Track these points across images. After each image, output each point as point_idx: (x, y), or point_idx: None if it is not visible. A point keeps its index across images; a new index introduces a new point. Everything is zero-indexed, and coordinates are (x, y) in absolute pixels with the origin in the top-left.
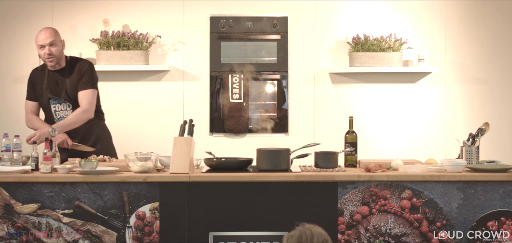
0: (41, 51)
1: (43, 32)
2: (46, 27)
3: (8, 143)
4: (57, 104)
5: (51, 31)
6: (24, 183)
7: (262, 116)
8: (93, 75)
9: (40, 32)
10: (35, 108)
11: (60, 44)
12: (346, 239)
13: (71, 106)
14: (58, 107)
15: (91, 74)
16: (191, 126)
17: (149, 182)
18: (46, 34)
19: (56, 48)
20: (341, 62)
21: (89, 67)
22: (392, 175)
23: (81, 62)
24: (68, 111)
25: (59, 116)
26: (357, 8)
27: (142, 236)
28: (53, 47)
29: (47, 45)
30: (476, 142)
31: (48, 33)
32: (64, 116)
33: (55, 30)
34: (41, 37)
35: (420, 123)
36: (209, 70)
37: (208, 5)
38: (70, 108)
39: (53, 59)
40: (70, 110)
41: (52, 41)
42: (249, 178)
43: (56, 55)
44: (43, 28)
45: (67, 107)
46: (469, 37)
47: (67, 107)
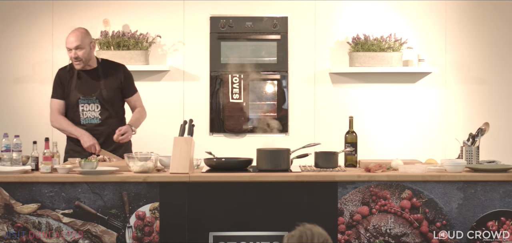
0: (68, 53)
1: (71, 35)
2: (76, 30)
3: (8, 143)
4: (86, 104)
5: (78, 35)
6: (24, 183)
7: (262, 116)
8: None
9: (70, 34)
10: (61, 107)
11: (87, 47)
12: (346, 239)
13: (100, 107)
14: (86, 107)
15: (132, 77)
16: (191, 126)
17: (149, 182)
18: (73, 37)
19: (83, 51)
20: (341, 62)
21: (130, 72)
22: (392, 175)
23: (116, 64)
24: (96, 112)
25: (85, 116)
26: (357, 8)
27: (142, 236)
28: (79, 51)
29: (74, 48)
30: (476, 142)
31: (75, 37)
32: (91, 116)
33: (84, 32)
34: (69, 39)
35: (420, 123)
36: (209, 70)
37: (208, 5)
38: (99, 109)
39: (79, 62)
40: (98, 111)
41: (78, 45)
42: (249, 178)
43: (82, 59)
44: (73, 29)
45: (95, 107)
46: (469, 37)
47: (95, 107)
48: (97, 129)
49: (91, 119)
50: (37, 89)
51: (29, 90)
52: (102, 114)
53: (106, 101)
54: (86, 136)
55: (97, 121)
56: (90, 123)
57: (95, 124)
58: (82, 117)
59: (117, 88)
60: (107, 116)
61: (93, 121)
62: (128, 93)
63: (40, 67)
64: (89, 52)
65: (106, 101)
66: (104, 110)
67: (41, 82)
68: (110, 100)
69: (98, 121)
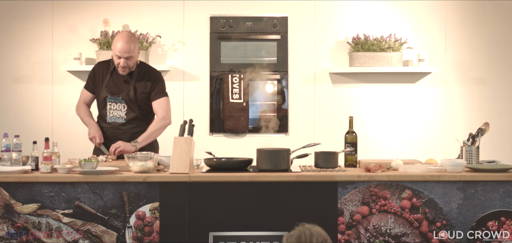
0: (115, 59)
1: (122, 43)
2: (126, 36)
3: (8, 143)
4: (113, 103)
5: (129, 44)
6: (24, 183)
7: (262, 116)
8: (164, 84)
9: (118, 40)
10: (89, 99)
11: (136, 55)
12: (346, 239)
13: (126, 107)
14: (114, 106)
15: (163, 83)
16: (191, 126)
17: (149, 182)
18: (124, 46)
19: (133, 61)
20: (341, 62)
21: (161, 76)
22: (392, 175)
23: (151, 70)
24: (122, 112)
25: (112, 114)
26: (357, 8)
27: (142, 236)
28: (130, 61)
29: (124, 58)
30: (476, 142)
31: (127, 47)
32: (117, 115)
33: (134, 40)
34: (119, 47)
35: (420, 123)
36: (209, 70)
37: (208, 5)
38: (125, 109)
39: (125, 70)
40: (124, 111)
41: (130, 56)
42: (249, 178)
43: (131, 67)
44: (122, 35)
45: (122, 107)
46: (469, 37)
47: (122, 107)
48: (121, 128)
49: (116, 118)
50: (37, 89)
51: (29, 90)
52: (127, 115)
53: (133, 102)
54: (93, 128)
55: (122, 121)
56: (115, 122)
57: (120, 123)
58: (109, 116)
59: (147, 92)
60: (133, 117)
61: (118, 120)
62: (153, 98)
63: (40, 67)
64: (136, 59)
65: (133, 103)
66: (130, 111)
67: (41, 82)
68: (137, 101)
69: (123, 121)
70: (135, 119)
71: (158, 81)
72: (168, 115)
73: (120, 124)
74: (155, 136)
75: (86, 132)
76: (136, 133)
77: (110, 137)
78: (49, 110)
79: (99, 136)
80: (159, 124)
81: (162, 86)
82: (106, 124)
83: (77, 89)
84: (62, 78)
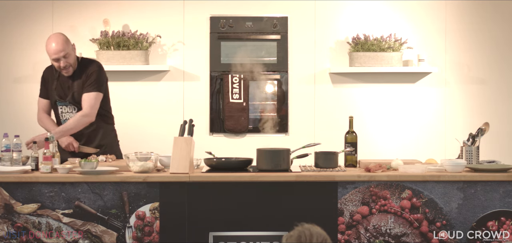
0: (55, 63)
1: (55, 44)
2: (55, 37)
3: (8, 143)
4: (64, 106)
5: (62, 42)
6: (24, 183)
7: (262, 116)
8: (99, 78)
9: (51, 42)
10: (46, 106)
11: (72, 51)
12: (346, 239)
13: (76, 109)
14: (65, 109)
15: (98, 76)
16: (191, 126)
17: (149, 182)
18: (58, 46)
19: (70, 57)
20: (341, 62)
21: (97, 70)
22: (392, 175)
23: (88, 63)
24: (73, 113)
25: (65, 117)
26: (357, 8)
27: (142, 236)
28: (67, 59)
29: (62, 58)
30: (476, 142)
31: (60, 46)
32: (69, 117)
33: (65, 38)
34: (53, 49)
35: (420, 123)
36: (209, 70)
37: (208, 5)
38: (76, 110)
39: (68, 69)
40: (75, 112)
41: (66, 53)
42: (249, 178)
43: (71, 64)
44: (53, 37)
45: (72, 109)
46: (469, 37)
47: (72, 109)
48: None
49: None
50: (37, 89)
51: (29, 90)
52: None
53: (79, 103)
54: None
55: None
56: None
57: None
58: (62, 119)
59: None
60: None
61: None
62: (84, 90)
63: (40, 67)
64: (74, 55)
65: (79, 103)
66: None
67: None
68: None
69: None
70: None
71: (93, 74)
72: (92, 112)
73: None
74: (72, 131)
75: None
76: (92, 132)
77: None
78: None
79: (73, 140)
80: (80, 120)
81: (95, 79)
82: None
83: None
84: None
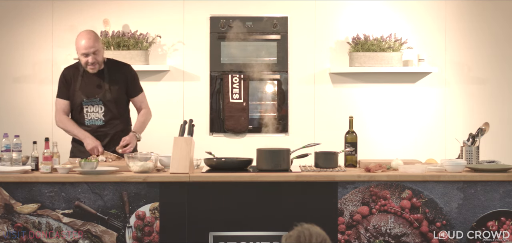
0: (83, 59)
1: (86, 40)
2: (87, 33)
3: (8, 143)
4: (90, 105)
5: (94, 38)
6: (24, 183)
7: (262, 116)
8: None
9: (81, 38)
10: (66, 107)
11: (102, 49)
12: (346, 239)
13: (103, 108)
14: (90, 109)
15: (138, 76)
16: (191, 126)
17: (149, 182)
18: (89, 42)
19: (100, 54)
20: (341, 62)
21: (134, 70)
22: (392, 175)
23: (122, 65)
24: (99, 114)
25: (89, 117)
26: (357, 8)
27: (142, 236)
28: (97, 56)
29: (91, 53)
30: (476, 142)
31: (91, 41)
32: (95, 118)
33: (96, 35)
34: (83, 44)
35: (420, 123)
36: (209, 70)
37: (208, 5)
38: (102, 110)
39: (95, 67)
40: (102, 112)
41: (96, 50)
42: (249, 178)
43: (99, 62)
44: (84, 33)
45: (99, 109)
46: (469, 37)
47: (99, 109)
48: (101, 130)
49: (95, 121)
50: (37, 89)
51: (29, 90)
52: (106, 116)
53: (110, 102)
54: (89, 138)
55: (101, 123)
56: (94, 124)
57: (99, 125)
58: (86, 119)
59: (122, 89)
60: (111, 117)
61: (97, 123)
62: (133, 93)
63: (40, 67)
64: (103, 53)
65: (110, 102)
66: (108, 112)
67: (41, 82)
68: (114, 101)
69: (102, 123)
70: (114, 120)
71: (134, 76)
72: (150, 109)
73: (99, 126)
74: (144, 126)
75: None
76: (116, 133)
77: None
78: (49, 110)
79: (99, 144)
80: (147, 116)
81: (138, 81)
82: (85, 127)
83: None
84: None
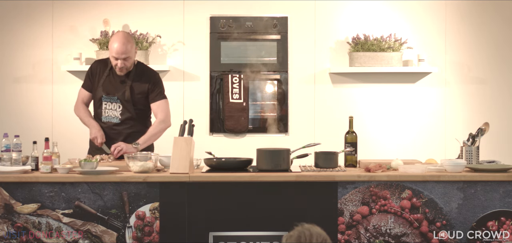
0: (113, 60)
1: (119, 44)
2: (121, 37)
3: (8, 143)
4: (108, 102)
5: (126, 44)
6: (24, 183)
7: (262, 116)
8: (163, 86)
9: (115, 40)
10: (87, 99)
11: (134, 55)
12: (346, 239)
13: (121, 107)
14: (109, 105)
15: (162, 85)
16: (191, 126)
17: (149, 182)
18: (121, 48)
19: (130, 60)
20: (341, 62)
21: (159, 78)
22: (392, 175)
23: (149, 71)
24: (117, 112)
25: (107, 114)
26: (357, 8)
27: (142, 236)
28: (126, 61)
29: (121, 59)
30: (476, 142)
31: (124, 47)
32: (112, 115)
33: (130, 39)
34: (115, 48)
35: (420, 123)
36: (209, 70)
37: (208, 5)
38: (120, 109)
39: (123, 70)
40: (119, 111)
41: (127, 56)
42: (249, 178)
43: (128, 68)
44: (119, 36)
45: (117, 107)
46: (469, 37)
47: (117, 107)
48: (116, 128)
49: (111, 118)
50: (37, 89)
51: (29, 90)
52: (122, 115)
53: (128, 102)
54: (94, 128)
55: (117, 121)
56: (110, 121)
57: (114, 123)
58: (104, 115)
59: (143, 93)
60: (128, 117)
61: (113, 120)
62: (152, 99)
63: (40, 67)
64: (134, 59)
65: (128, 102)
66: (125, 111)
67: (41, 82)
68: (132, 102)
69: (118, 121)
70: (130, 120)
71: (157, 83)
72: (168, 118)
73: (115, 123)
74: (155, 138)
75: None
76: (131, 133)
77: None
78: (49, 110)
79: (101, 135)
80: (159, 126)
81: (161, 89)
82: (101, 123)
83: (77, 89)
84: (62, 78)
